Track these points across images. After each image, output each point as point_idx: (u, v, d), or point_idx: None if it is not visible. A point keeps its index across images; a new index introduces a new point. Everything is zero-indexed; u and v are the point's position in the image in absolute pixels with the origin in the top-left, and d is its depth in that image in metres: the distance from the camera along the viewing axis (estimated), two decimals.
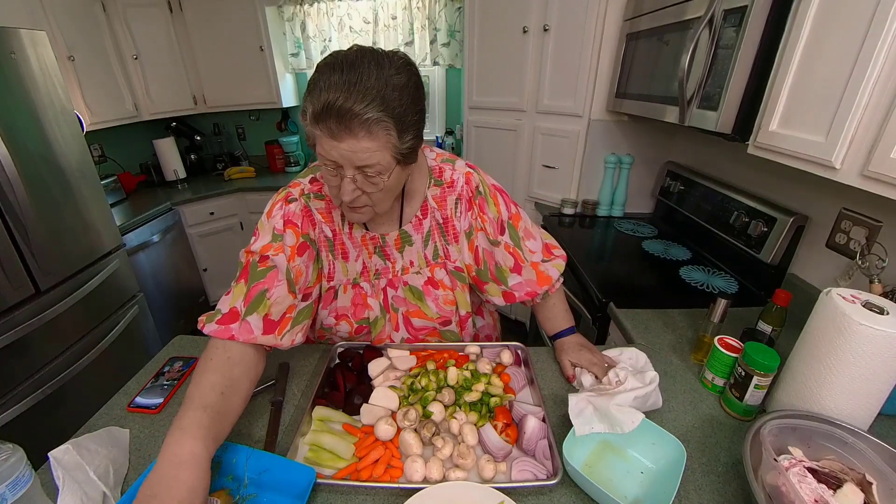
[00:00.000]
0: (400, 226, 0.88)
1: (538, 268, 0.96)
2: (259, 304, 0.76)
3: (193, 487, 0.56)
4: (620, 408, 0.75)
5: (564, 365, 0.94)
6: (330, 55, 0.67)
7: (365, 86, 0.61)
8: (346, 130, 0.62)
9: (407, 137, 0.68)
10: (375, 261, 0.90)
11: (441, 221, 0.90)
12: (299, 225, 0.83)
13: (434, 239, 0.91)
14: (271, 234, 0.80)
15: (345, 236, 0.88)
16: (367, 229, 0.88)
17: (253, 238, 0.81)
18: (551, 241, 1.02)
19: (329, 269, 0.89)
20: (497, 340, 1.15)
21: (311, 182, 0.86)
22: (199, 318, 0.75)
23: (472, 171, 0.91)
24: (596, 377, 0.88)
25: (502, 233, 0.92)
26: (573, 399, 0.78)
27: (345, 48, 0.67)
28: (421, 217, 0.89)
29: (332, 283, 0.90)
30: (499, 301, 0.98)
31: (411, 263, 0.91)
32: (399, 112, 0.65)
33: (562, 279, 1.01)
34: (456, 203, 0.89)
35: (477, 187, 0.90)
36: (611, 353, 0.93)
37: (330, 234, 0.87)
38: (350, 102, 0.61)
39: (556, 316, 1.01)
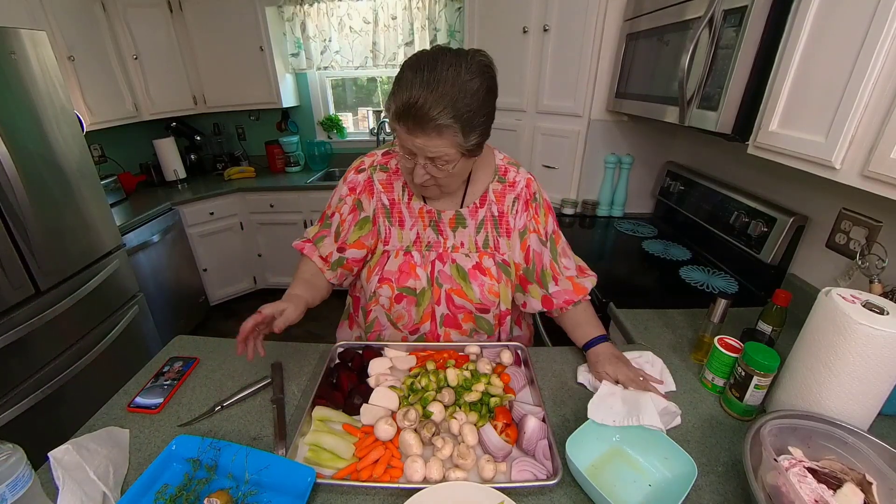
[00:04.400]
0: (460, 207, 0.96)
1: (573, 280, 1.00)
2: (318, 242, 0.99)
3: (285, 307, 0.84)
4: (649, 404, 0.76)
5: (603, 378, 0.87)
6: (414, 55, 0.76)
7: (440, 91, 0.70)
8: (419, 129, 0.73)
9: (472, 136, 0.77)
10: (429, 233, 0.97)
11: (497, 215, 0.96)
12: (357, 192, 0.97)
13: (486, 229, 0.96)
14: (338, 197, 0.99)
15: (403, 205, 0.96)
16: (424, 202, 0.96)
17: (335, 191, 1.01)
18: (583, 263, 1.07)
19: (385, 234, 0.97)
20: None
21: (383, 154, 0.98)
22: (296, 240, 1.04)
23: (532, 178, 0.98)
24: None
25: (545, 244, 0.99)
26: (605, 388, 0.81)
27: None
28: (478, 206, 0.96)
29: (386, 248, 0.97)
30: (537, 305, 1.01)
31: (462, 244, 0.97)
32: (467, 116, 0.73)
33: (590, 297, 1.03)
34: (514, 202, 0.96)
35: (535, 194, 0.97)
36: (628, 356, 0.94)
37: (387, 203, 0.97)
38: (426, 108, 0.70)
39: (588, 322, 0.99)
